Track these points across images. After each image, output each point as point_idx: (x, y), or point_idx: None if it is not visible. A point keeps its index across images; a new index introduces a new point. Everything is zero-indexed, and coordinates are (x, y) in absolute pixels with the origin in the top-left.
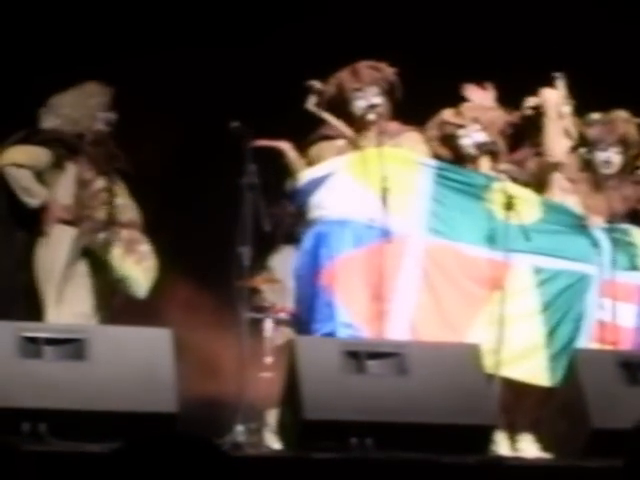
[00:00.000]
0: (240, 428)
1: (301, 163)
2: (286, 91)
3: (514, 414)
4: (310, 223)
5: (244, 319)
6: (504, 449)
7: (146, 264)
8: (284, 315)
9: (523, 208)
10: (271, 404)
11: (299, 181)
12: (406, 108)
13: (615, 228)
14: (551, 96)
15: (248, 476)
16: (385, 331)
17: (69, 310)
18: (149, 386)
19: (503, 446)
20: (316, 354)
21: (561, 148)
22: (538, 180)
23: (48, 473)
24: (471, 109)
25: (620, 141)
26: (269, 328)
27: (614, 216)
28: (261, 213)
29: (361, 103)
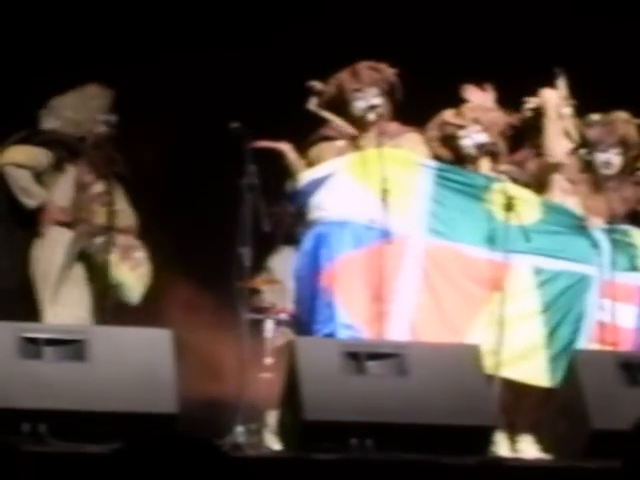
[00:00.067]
0: (240, 429)
1: (301, 164)
2: (286, 92)
3: (514, 415)
4: (310, 224)
5: (244, 320)
6: (504, 450)
7: (140, 271)
8: (284, 316)
9: (523, 209)
10: (271, 405)
11: (299, 182)
12: (406, 109)
13: (615, 229)
14: (551, 97)
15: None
16: (385, 332)
17: (64, 312)
18: (149, 387)
19: (503, 447)
20: (316, 355)
21: (561, 149)
22: (538, 181)
23: (48, 474)
24: (472, 110)
25: (620, 142)
26: (269, 329)
27: (614, 217)
28: (261, 214)
29: (361, 104)
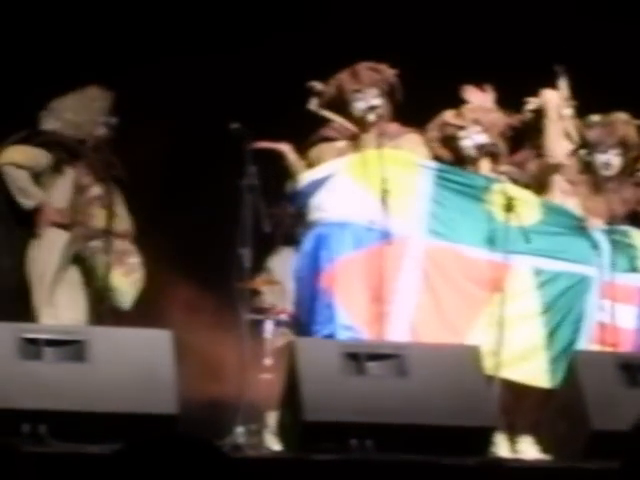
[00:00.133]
0: (240, 429)
1: (301, 165)
2: (286, 93)
3: (514, 416)
4: (310, 225)
5: (244, 320)
6: (504, 451)
7: (134, 276)
8: (284, 317)
9: (523, 210)
10: (271, 405)
11: (299, 183)
12: (406, 110)
13: (615, 230)
14: (552, 97)
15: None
16: (385, 333)
17: (59, 314)
18: (149, 387)
19: (503, 448)
20: (316, 356)
21: (562, 150)
22: (538, 182)
23: (48, 474)
24: (472, 111)
25: (620, 143)
26: (269, 330)
27: (614, 218)
28: (261, 215)
29: (361, 105)
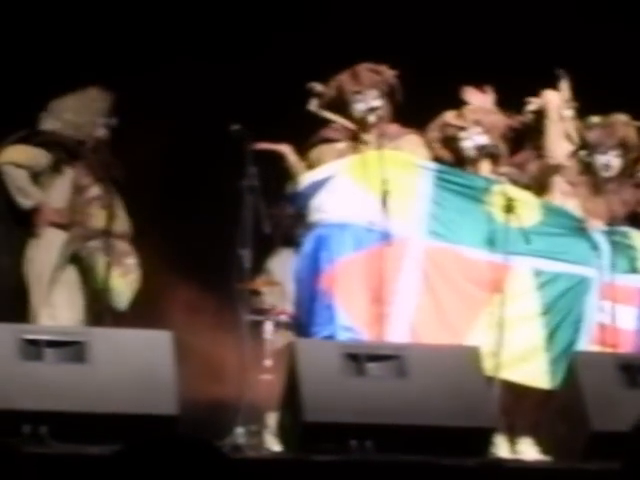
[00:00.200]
0: (240, 430)
1: (301, 166)
2: (286, 94)
3: (514, 417)
4: (310, 226)
5: (244, 321)
6: (504, 452)
7: (130, 277)
8: (284, 318)
9: (523, 211)
10: (271, 406)
11: (299, 184)
12: (406, 111)
13: (615, 231)
14: (553, 98)
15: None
16: (385, 334)
17: (57, 314)
18: (149, 388)
19: (503, 449)
20: (316, 357)
21: (562, 151)
22: (539, 183)
23: (49, 475)
24: (473, 112)
25: (620, 144)
26: (269, 330)
27: (614, 219)
28: (261, 216)
29: (361, 106)
